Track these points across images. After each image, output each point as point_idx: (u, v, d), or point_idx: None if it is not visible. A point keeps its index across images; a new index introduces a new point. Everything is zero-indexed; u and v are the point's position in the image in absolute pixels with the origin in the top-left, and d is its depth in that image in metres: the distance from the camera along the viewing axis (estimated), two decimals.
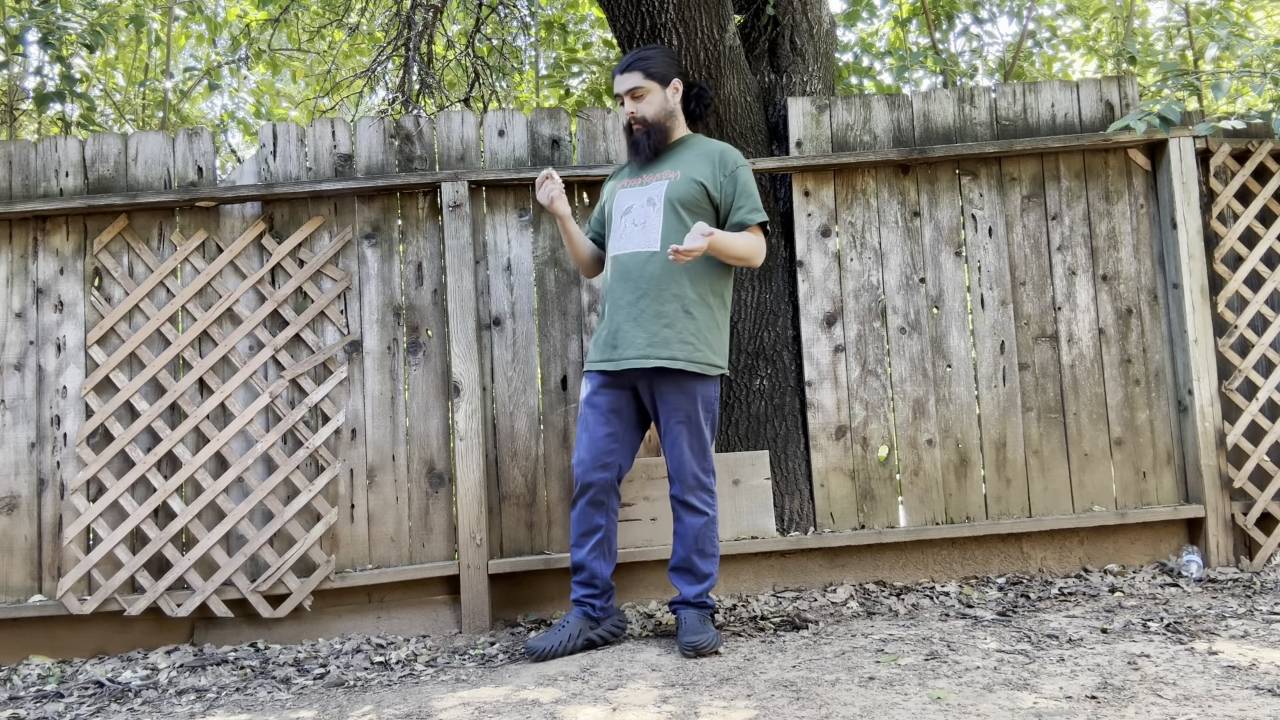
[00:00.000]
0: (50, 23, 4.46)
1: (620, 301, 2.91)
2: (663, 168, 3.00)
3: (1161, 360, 3.74)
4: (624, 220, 2.96)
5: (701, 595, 2.94)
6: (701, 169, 2.95)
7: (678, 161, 2.99)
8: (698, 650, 2.77)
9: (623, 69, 2.99)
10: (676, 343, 2.85)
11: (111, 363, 3.41)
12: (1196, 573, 3.49)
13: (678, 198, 2.92)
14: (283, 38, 7.24)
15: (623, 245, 2.95)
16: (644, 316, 2.86)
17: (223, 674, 3.06)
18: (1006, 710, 2.15)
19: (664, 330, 2.85)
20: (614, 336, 2.90)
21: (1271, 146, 3.75)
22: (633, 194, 2.98)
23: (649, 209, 2.93)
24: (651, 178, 2.99)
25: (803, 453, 3.71)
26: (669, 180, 2.95)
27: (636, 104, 2.98)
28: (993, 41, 6.76)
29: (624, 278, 2.91)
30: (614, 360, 2.90)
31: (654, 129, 2.98)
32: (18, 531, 3.41)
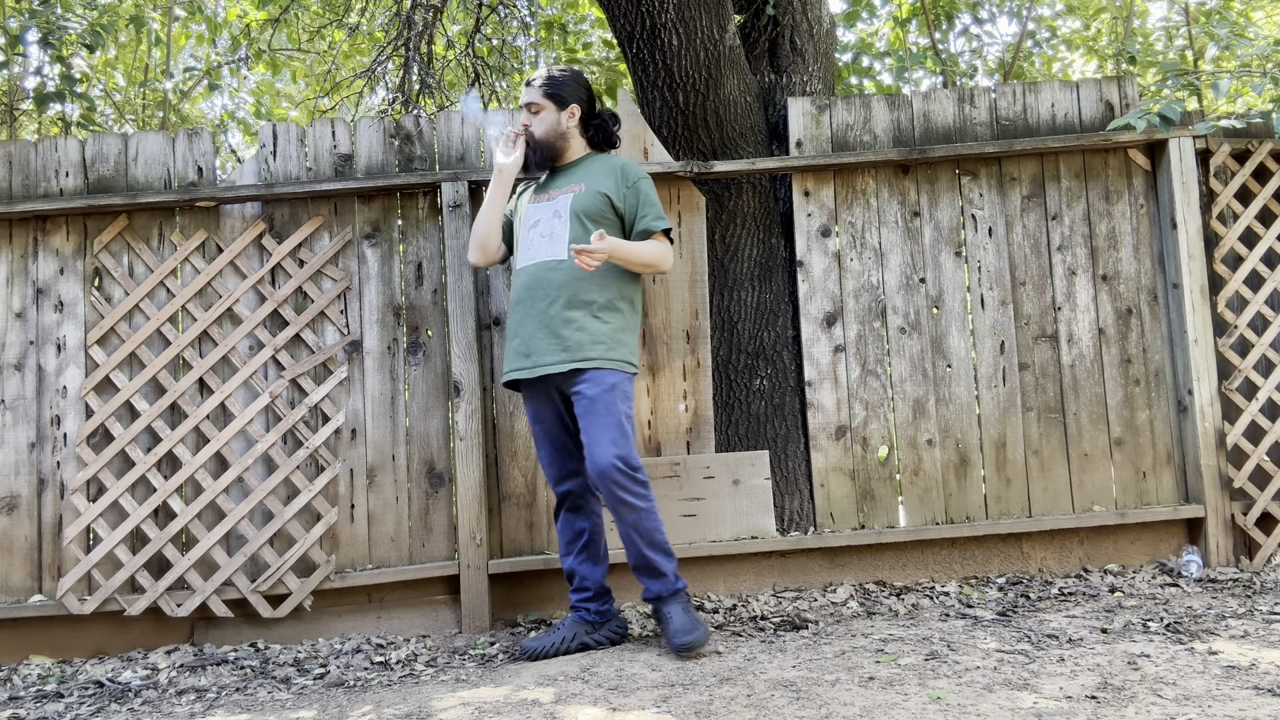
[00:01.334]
0: (50, 23, 4.46)
1: (531, 310, 2.94)
2: (568, 182, 3.05)
3: (1161, 360, 3.74)
4: (531, 233, 3.01)
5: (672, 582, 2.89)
6: (605, 182, 3.01)
7: (581, 176, 3.05)
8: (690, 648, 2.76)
9: (528, 82, 3.09)
10: (590, 344, 2.89)
11: (111, 363, 3.41)
12: (1196, 573, 3.49)
13: (582, 209, 2.97)
14: (283, 38, 7.24)
15: (530, 256, 2.99)
16: (555, 323, 2.90)
17: (223, 674, 3.06)
18: (1006, 710, 2.15)
19: (576, 334, 2.88)
20: (526, 345, 2.93)
21: (1271, 146, 3.75)
22: (539, 208, 3.03)
23: (555, 221, 2.98)
24: (557, 192, 3.04)
25: (803, 453, 3.71)
26: (574, 193, 3.00)
27: (531, 119, 3.06)
28: (992, 41, 6.76)
29: (533, 287, 2.94)
30: (529, 369, 2.92)
31: (540, 146, 3.06)
32: (18, 531, 3.41)
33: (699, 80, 3.74)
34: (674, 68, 3.74)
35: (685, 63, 3.71)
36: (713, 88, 3.76)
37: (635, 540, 2.87)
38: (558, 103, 3.06)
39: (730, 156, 3.81)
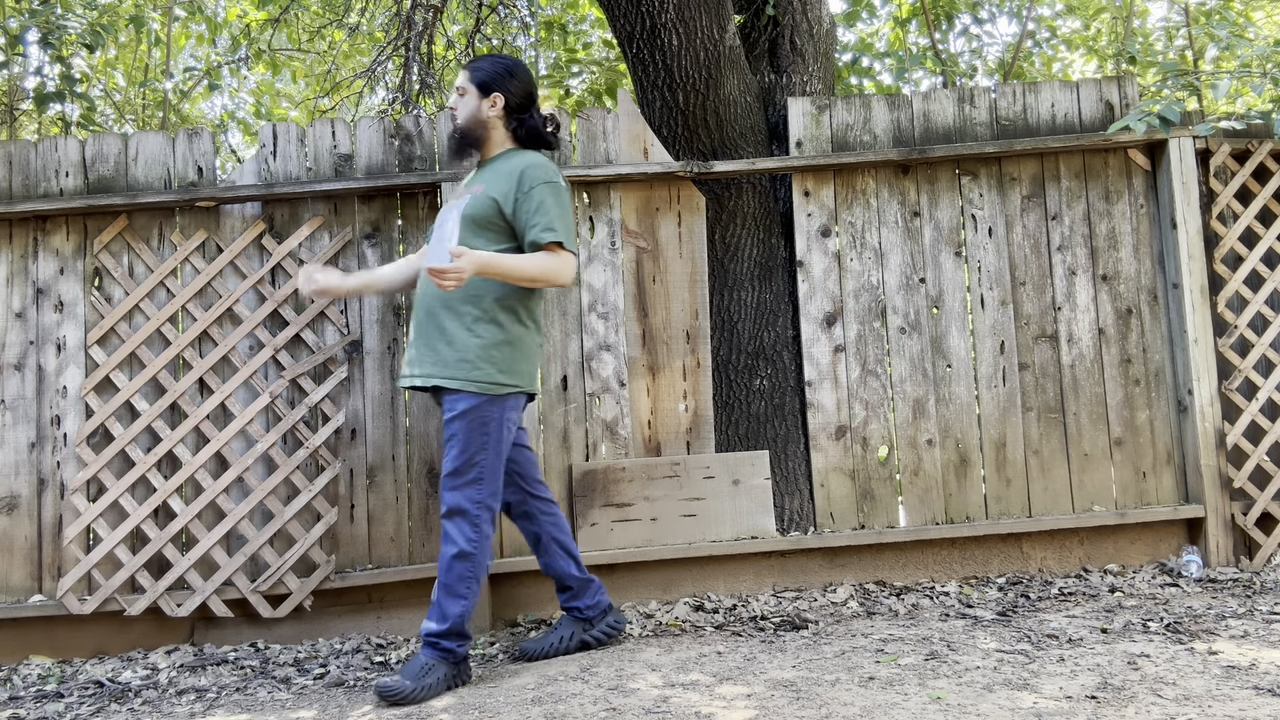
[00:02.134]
0: (50, 23, 4.46)
1: (418, 318, 2.83)
2: (478, 180, 2.89)
3: (1161, 360, 3.74)
4: (436, 234, 2.79)
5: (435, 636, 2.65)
6: (501, 186, 2.80)
7: (489, 176, 2.86)
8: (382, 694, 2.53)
9: (464, 65, 2.99)
10: (455, 362, 2.72)
11: (111, 363, 3.41)
12: (1196, 573, 3.49)
13: (471, 214, 2.78)
14: (283, 38, 7.24)
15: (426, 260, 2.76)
16: (429, 333, 2.77)
17: (223, 674, 3.06)
18: (1006, 710, 2.15)
19: (444, 348, 2.73)
20: (409, 353, 2.84)
21: (1271, 146, 3.75)
22: (448, 207, 2.82)
23: (452, 225, 2.77)
24: (466, 191, 2.88)
25: (803, 453, 3.71)
26: (470, 196, 2.83)
27: (457, 101, 2.91)
28: (992, 42, 6.76)
29: (422, 294, 2.84)
30: (406, 378, 2.81)
31: (461, 132, 2.90)
32: (18, 531, 3.40)
33: (699, 80, 3.74)
34: (674, 68, 3.74)
35: (685, 63, 3.71)
36: (713, 88, 3.76)
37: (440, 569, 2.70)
38: (481, 89, 2.87)
39: (730, 156, 3.81)
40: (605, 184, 3.67)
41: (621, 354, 3.62)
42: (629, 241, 3.68)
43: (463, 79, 2.91)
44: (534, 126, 2.90)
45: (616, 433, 3.59)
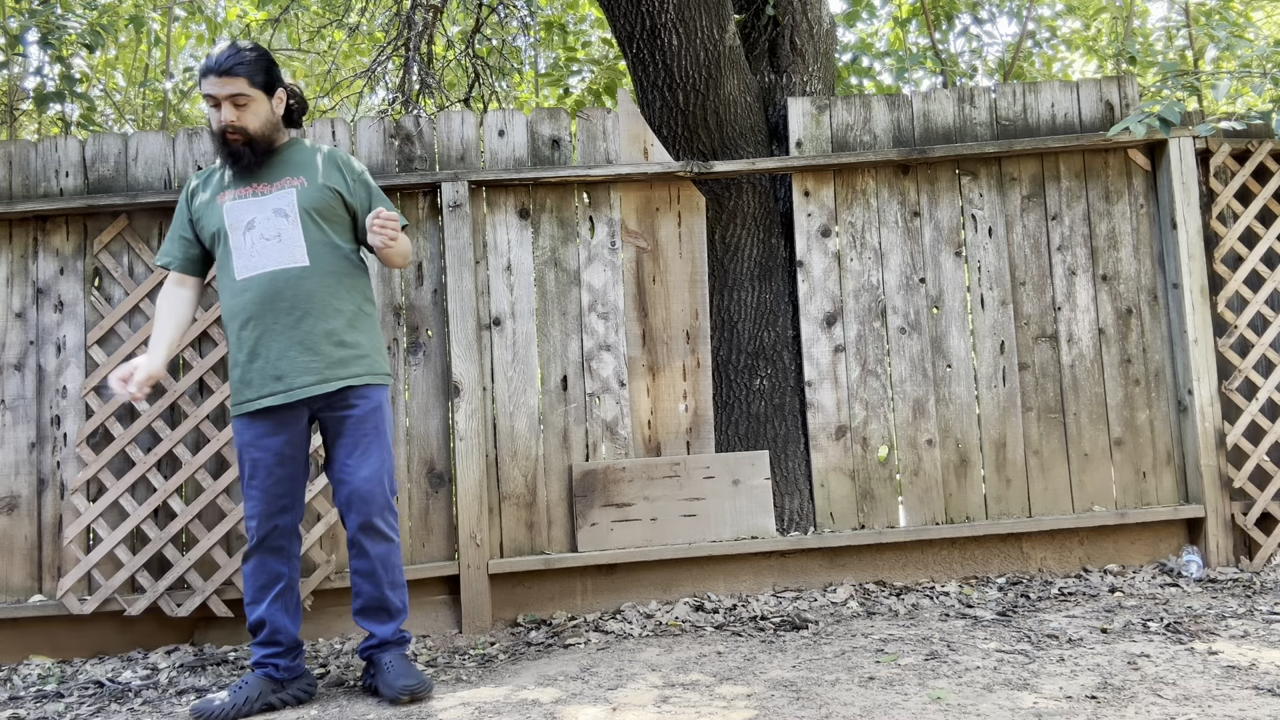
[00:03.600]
0: (50, 23, 4.46)
1: (276, 326, 2.59)
2: (277, 174, 2.69)
3: (1161, 360, 3.74)
4: (249, 235, 2.62)
5: (399, 631, 2.70)
6: (330, 175, 2.71)
7: (294, 167, 2.70)
8: (414, 693, 2.55)
9: (221, 70, 2.59)
10: (354, 360, 2.65)
11: (111, 363, 3.41)
12: (1196, 573, 3.49)
13: (313, 207, 2.65)
14: (283, 38, 7.24)
15: (259, 263, 2.61)
16: (312, 338, 2.60)
17: (223, 674, 3.06)
18: (1006, 710, 2.15)
19: (337, 350, 2.62)
20: (276, 366, 2.59)
21: (1271, 146, 3.75)
22: (249, 207, 2.64)
23: (281, 220, 2.63)
24: (268, 186, 2.67)
25: (803, 453, 3.71)
26: (296, 188, 2.66)
27: (238, 113, 2.61)
28: (992, 42, 6.76)
29: (274, 299, 2.59)
30: (285, 392, 2.59)
31: (257, 141, 2.65)
32: (18, 531, 3.40)
33: (699, 80, 3.74)
34: (674, 68, 3.74)
35: (685, 63, 3.71)
36: (713, 88, 3.76)
37: (379, 577, 2.66)
38: (266, 90, 2.65)
39: (730, 156, 3.81)
40: (605, 184, 3.67)
41: (621, 354, 3.62)
42: (629, 241, 3.68)
43: (240, 85, 2.60)
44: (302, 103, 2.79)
45: (616, 433, 3.59)
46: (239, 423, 2.67)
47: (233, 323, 2.65)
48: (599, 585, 3.54)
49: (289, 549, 2.68)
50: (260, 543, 2.64)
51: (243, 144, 2.63)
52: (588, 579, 3.53)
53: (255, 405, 2.61)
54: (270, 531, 2.64)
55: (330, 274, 2.66)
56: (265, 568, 2.66)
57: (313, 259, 2.64)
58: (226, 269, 2.66)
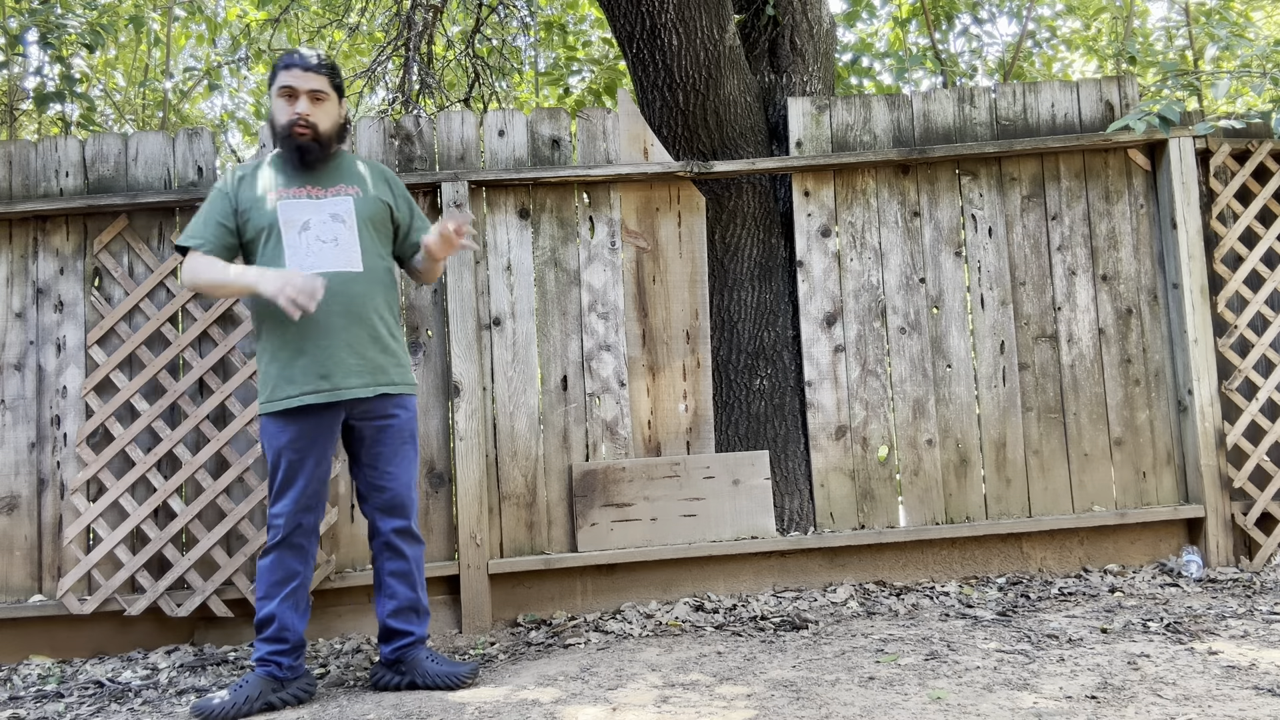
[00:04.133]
0: (50, 23, 4.46)
1: (327, 327, 2.62)
2: (330, 181, 2.74)
3: (1161, 360, 3.74)
4: (304, 236, 2.65)
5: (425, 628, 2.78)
6: (380, 189, 2.79)
7: (347, 177, 2.76)
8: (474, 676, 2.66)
9: (307, 65, 2.66)
10: (393, 367, 2.72)
11: (111, 363, 3.41)
12: (1196, 573, 3.49)
13: (369, 216, 2.72)
14: (283, 38, 7.24)
15: (314, 264, 2.64)
16: (360, 342, 2.65)
17: (223, 674, 3.06)
18: (1006, 710, 2.15)
19: (380, 356, 2.68)
20: (323, 365, 2.61)
21: (1271, 146, 3.75)
22: (304, 208, 2.67)
23: (338, 226, 2.67)
24: (323, 191, 2.71)
25: (803, 453, 3.71)
26: (353, 197, 2.72)
27: (313, 107, 2.66)
28: (992, 42, 6.77)
29: (327, 300, 2.62)
30: (330, 391, 2.61)
31: (325, 142, 2.70)
32: (18, 531, 3.40)
33: (699, 80, 3.74)
34: (674, 68, 3.74)
35: (685, 63, 3.71)
36: (713, 88, 3.76)
37: (414, 578, 2.74)
38: (339, 94, 2.73)
39: (730, 156, 3.81)
40: (605, 184, 3.67)
41: (621, 354, 3.62)
42: (629, 241, 3.68)
43: (323, 83, 2.67)
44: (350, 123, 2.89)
45: (616, 433, 3.59)
46: (274, 421, 2.65)
47: (278, 319, 2.63)
48: (599, 585, 3.54)
49: (309, 548, 2.68)
50: (284, 540, 2.64)
51: (310, 139, 2.67)
52: (588, 579, 3.53)
53: (297, 402, 2.60)
54: (295, 529, 2.64)
55: (377, 283, 2.72)
56: (283, 564, 2.65)
57: (365, 266, 2.70)
58: (276, 266, 2.64)
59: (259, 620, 2.65)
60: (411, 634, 2.73)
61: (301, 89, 2.65)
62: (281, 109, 2.68)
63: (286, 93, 2.66)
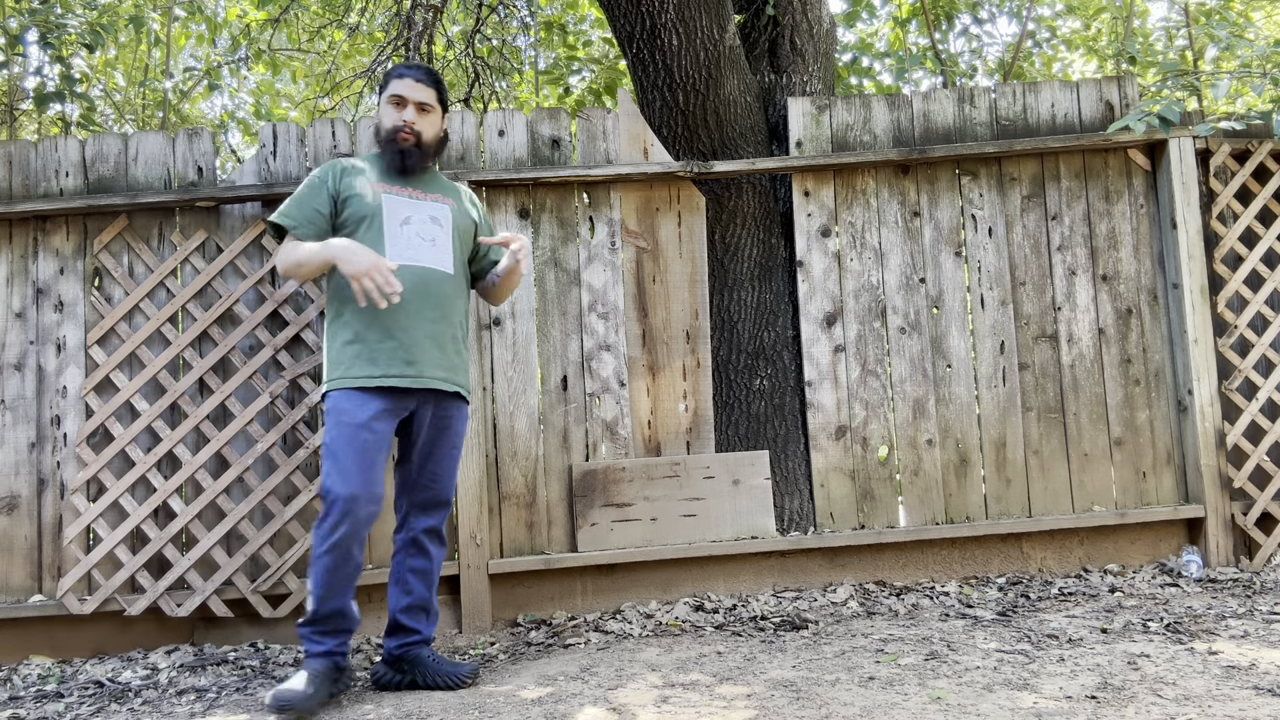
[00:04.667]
0: (50, 23, 4.46)
1: (418, 316, 2.67)
2: (428, 189, 2.83)
3: (1161, 360, 3.74)
4: (405, 229, 2.72)
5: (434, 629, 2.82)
6: (470, 209, 2.91)
7: (441, 190, 2.87)
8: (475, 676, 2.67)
9: (418, 78, 2.78)
10: (461, 371, 2.79)
11: (111, 363, 3.41)
12: (1196, 573, 3.49)
13: (462, 228, 2.84)
14: (282, 38, 7.24)
15: (414, 256, 2.70)
16: (443, 339, 2.72)
17: (223, 674, 3.06)
18: (1006, 710, 2.15)
19: (455, 357, 2.76)
20: (410, 352, 2.65)
21: (1271, 146, 3.75)
22: (406, 204, 2.75)
23: (436, 228, 2.76)
24: (422, 195, 2.80)
25: (803, 453, 3.71)
26: (449, 207, 2.82)
27: (420, 118, 2.78)
28: (992, 42, 6.77)
29: (422, 292, 2.69)
30: (415, 377, 2.65)
31: (425, 151, 2.80)
32: (18, 531, 3.40)
33: (699, 80, 3.74)
34: (674, 68, 3.74)
35: (685, 63, 3.71)
36: (713, 88, 3.76)
37: (432, 578, 2.78)
38: (444, 108, 2.86)
39: (730, 156, 3.81)
40: (605, 184, 3.67)
41: (621, 354, 3.62)
42: (629, 241, 3.68)
43: (432, 96, 2.80)
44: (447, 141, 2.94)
45: (616, 433, 3.59)
46: (350, 397, 2.60)
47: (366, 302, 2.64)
48: (599, 585, 3.54)
49: (364, 537, 2.62)
50: (354, 533, 2.55)
51: (413, 145, 2.77)
52: (588, 579, 3.53)
53: (379, 382, 2.60)
54: (366, 518, 2.57)
55: (460, 290, 2.82)
56: (351, 559, 2.57)
57: (455, 271, 2.79)
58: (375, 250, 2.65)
59: (326, 613, 2.57)
60: (419, 633, 2.74)
61: (411, 99, 2.77)
62: (389, 114, 2.80)
63: (396, 100, 2.78)
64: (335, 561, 2.54)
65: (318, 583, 2.56)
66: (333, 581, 2.55)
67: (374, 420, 2.60)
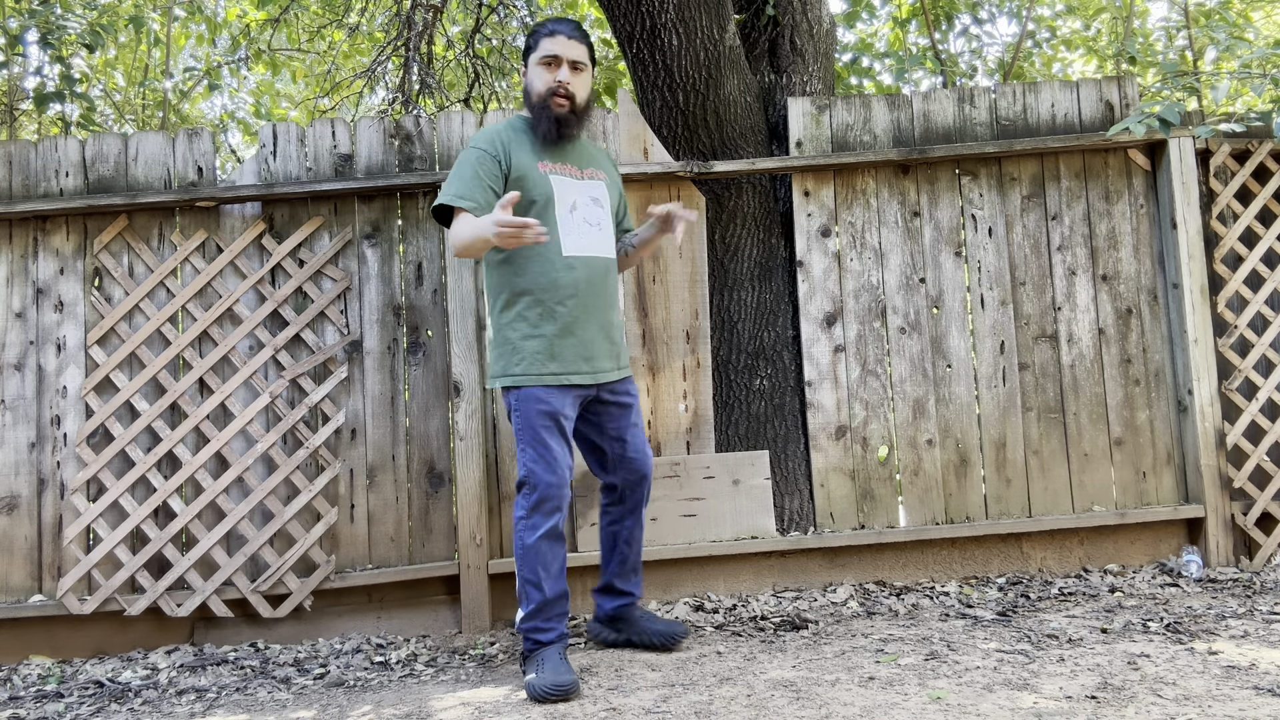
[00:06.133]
0: (50, 23, 4.46)
1: (591, 309, 2.67)
2: (584, 163, 2.76)
3: (1161, 360, 3.74)
4: (574, 215, 2.66)
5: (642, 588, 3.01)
6: (614, 176, 2.89)
7: (594, 160, 2.81)
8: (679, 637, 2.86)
9: (570, 33, 2.63)
10: (625, 351, 2.84)
11: (111, 363, 3.41)
12: (1196, 573, 3.49)
13: (614, 203, 2.82)
14: (282, 38, 7.24)
15: (585, 246, 2.66)
16: (611, 327, 2.75)
17: (223, 674, 3.06)
18: (1006, 710, 2.15)
19: (620, 341, 2.80)
20: (588, 348, 2.67)
21: (1271, 146, 3.75)
22: (571, 187, 2.68)
23: (599, 210, 2.72)
24: (579, 172, 2.73)
25: (803, 453, 3.71)
26: (604, 183, 2.77)
27: (574, 78, 2.64)
28: (992, 42, 6.76)
29: (597, 284, 2.67)
30: (592, 374, 2.68)
31: (580, 116, 2.68)
32: (18, 531, 3.40)
33: (699, 80, 3.74)
34: (674, 68, 3.74)
35: (685, 63, 3.71)
36: (713, 88, 3.76)
37: (640, 544, 2.93)
38: (594, 66, 2.72)
39: (730, 156, 3.81)
40: None
41: None
42: None
43: (584, 53, 2.65)
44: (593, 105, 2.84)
45: None
46: (541, 392, 2.62)
47: (547, 294, 2.62)
48: None
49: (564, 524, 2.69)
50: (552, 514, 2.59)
51: (568, 111, 2.65)
52: (587, 579, 3.53)
53: (562, 380, 2.62)
54: (560, 502, 2.61)
55: (616, 269, 2.81)
56: (558, 547, 2.63)
57: (614, 253, 2.78)
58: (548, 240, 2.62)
59: (551, 598, 2.60)
60: (632, 595, 2.92)
61: (565, 57, 2.62)
62: (540, 76, 2.64)
63: (548, 60, 2.63)
64: (551, 546, 2.59)
65: (537, 571, 2.58)
66: (553, 565, 2.60)
67: (563, 408, 2.64)
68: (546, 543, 2.58)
